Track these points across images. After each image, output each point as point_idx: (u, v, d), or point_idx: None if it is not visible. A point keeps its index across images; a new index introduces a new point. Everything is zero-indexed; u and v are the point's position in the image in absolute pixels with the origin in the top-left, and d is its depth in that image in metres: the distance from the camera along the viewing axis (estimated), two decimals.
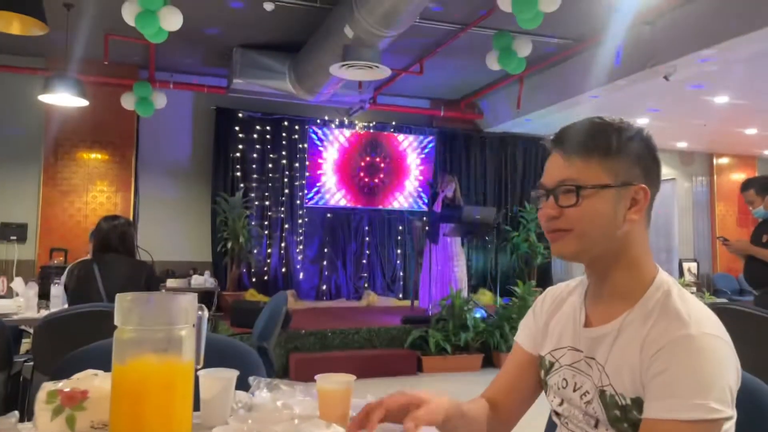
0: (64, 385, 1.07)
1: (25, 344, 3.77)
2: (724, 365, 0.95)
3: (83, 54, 6.26)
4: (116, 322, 1.00)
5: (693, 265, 10.00)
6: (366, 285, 8.42)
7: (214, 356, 1.32)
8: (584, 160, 1.04)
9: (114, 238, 3.15)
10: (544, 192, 1.07)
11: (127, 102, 6.61)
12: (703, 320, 0.98)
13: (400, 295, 8.41)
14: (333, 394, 1.09)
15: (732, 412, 0.93)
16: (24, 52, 6.85)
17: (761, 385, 1.18)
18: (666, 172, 10.20)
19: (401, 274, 8.59)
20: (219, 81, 7.48)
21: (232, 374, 1.13)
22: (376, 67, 4.88)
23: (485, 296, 8.26)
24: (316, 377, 1.12)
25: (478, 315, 6.06)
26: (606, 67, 5.99)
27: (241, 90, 6.94)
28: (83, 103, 5.65)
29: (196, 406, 1.12)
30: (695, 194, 10.54)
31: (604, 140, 1.04)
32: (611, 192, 1.03)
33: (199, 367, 1.10)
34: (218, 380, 1.10)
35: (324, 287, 8.24)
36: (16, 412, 1.09)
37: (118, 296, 1.00)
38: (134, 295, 1.00)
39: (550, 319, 1.20)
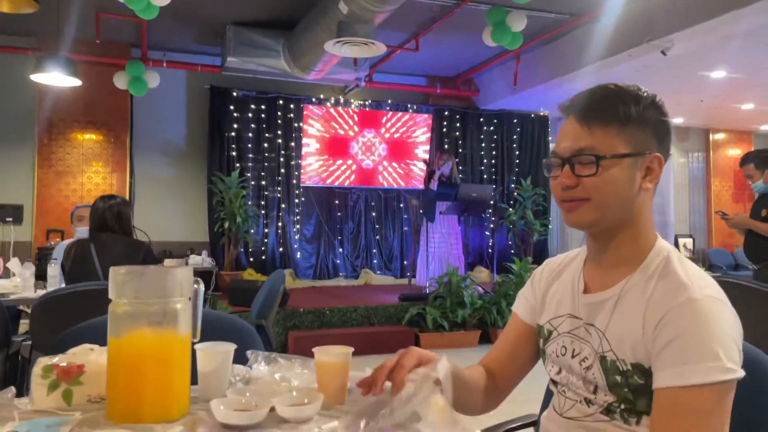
0: (60, 360, 1.07)
1: (23, 325, 3.78)
2: (730, 325, 0.95)
3: (75, 33, 6.17)
4: (111, 295, 1.00)
5: (689, 241, 10.04)
6: (363, 264, 8.43)
7: (212, 332, 1.32)
8: (603, 128, 1.02)
9: (110, 217, 3.14)
10: (559, 161, 1.06)
11: (120, 81, 6.54)
12: (703, 283, 0.99)
13: (398, 274, 8.43)
14: (330, 366, 1.09)
15: (742, 371, 0.94)
16: (15, 32, 6.76)
17: (760, 353, 1.19)
18: None
19: (398, 252, 8.60)
20: (213, 60, 7.40)
21: (230, 348, 1.12)
22: (372, 43, 4.83)
23: (482, 273, 8.29)
24: (313, 350, 1.12)
25: (475, 292, 6.09)
26: (602, 42, 5.94)
27: (235, 68, 6.87)
28: (76, 82, 5.58)
29: (195, 380, 1.12)
30: (691, 170, 10.54)
31: (623, 109, 1.03)
32: (629, 161, 1.02)
33: (196, 340, 1.10)
34: (216, 354, 1.10)
35: (321, 266, 8.25)
36: (13, 388, 1.09)
37: (112, 270, 0.99)
38: (128, 269, 1.00)
39: (549, 289, 1.20)
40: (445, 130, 8.74)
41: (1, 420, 0.96)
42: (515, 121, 9.03)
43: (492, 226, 8.77)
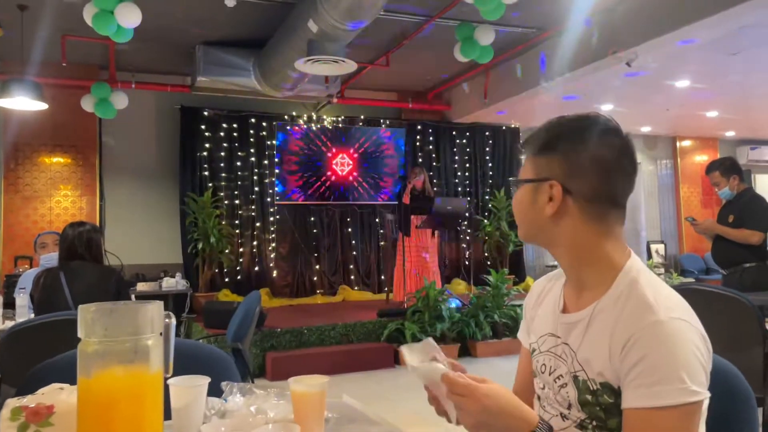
0: (29, 401, 1.04)
1: None
2: (696, 347, 0.97)
3: (40, 56, 6.09)
4: (80, 334, 0.97)
5: (660, 247, 10.21)
6: (341, 280, 8.40)
7: (185, 362, 1.30)
8: (527, 156, 1.15)
9: (80, 244, 3.08)
10: None
11: (87, 104, 6.45)
12: (670, 305, 1.00)
13: (376, 289, 8.41)
14: (307, 396, 1.08)
15: (708, 392, 0.96)
16: None
17: (730, 366, 1.22)
18: None
19: (376, 267, 8.59)
20: (183, 79, 7.35)
21: (203, 381, 1.11)
22: (342, 61, 4.84)
23: (460, 286, 8.32)
24: (289, 380, 1.11)
25: (453, 305, 6.10)
26: (568, 55, 6.05)
27: (205, 88, 6.83)
28: (42, 106, 5.50)
29: (168, 416, 1.10)
30: (660, 177, 10.75)
31: (535, 139, 1.14)
32: (530, 186, 1.12)
33: (168, 375, 1.08)
34: (189, 389, 1.08)
35: (299, 284, 8.19)
36: None
37: (81, 308, 0.97)
38: (98, 306, 0.97)
39: (537, 311, 1.25)
40: (418, 144, 8.79)
41: None
42: (487, 133, 9.12)
43: (468, 238, 8.82)
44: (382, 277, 8.44)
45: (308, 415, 1.07)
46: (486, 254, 8.88)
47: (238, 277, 7.78)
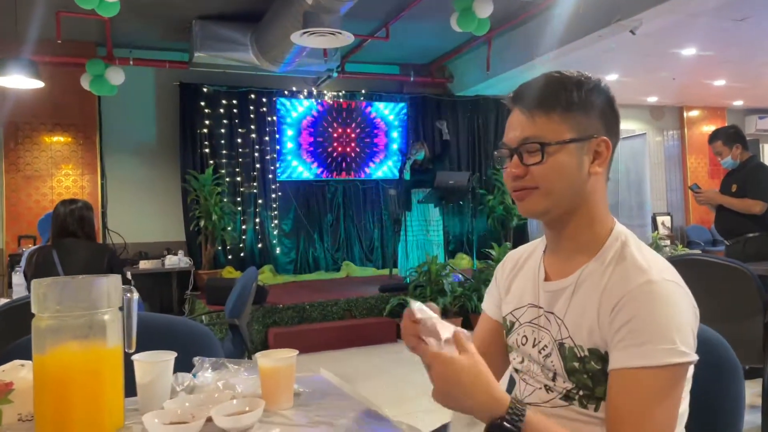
0: None
1: None
2: (686, 309, 0.96)
3: (35, 34, 6.01)
4: (33, 309, 0.95)
5: (666, 219, 10.12)
6: (344, 256, 8.39)
7: (164, 338, 1.27)
8: (546, 115, 1.02)
9: (71, 222, 3.06)
10: (507, 151, 1.07)
11: (86, 82, 6.40)
12: (661, 267, 0.99)
13: (379, 265, 8.40)
14: (275, 371, 1.06)
15: (696, 356, 0.94)
16: None
17: (718, 337, 1.19)
18: (637, 127, 10.23)
19: (379, 243, 8.56)
20: (181, 56, 7.27)
21: (169, 356, 1.08)
22: (339, 33, 4.75)
23: (463, 260, 8.29)
24: (255, 355, 1.08)
25: (455, 279, 6.08)
26: (572, 24, 5.92)
27: (203, 64, 6.75)
28: (38, 84, 5.45)
29: (134, 392, 1.08)
30: (666, 148, 10.61)
31: (565, 94, 1.03)
32: (574, 146, 1.02)
33: (131, 351, 1.06)
34: (153, 364, 1.06)
35: (302, 261, 8.19)
36: None
37: (34, 282, 0.94)
38: (50, 280, 0.95)
39: (512, 282, 1.21)
40: (420, 118, 8.69)
41: None
42: (491, 106, 9.00)
43: (471, 212, 8.77)
44: (385, 253, 8.42)
45: (276, 389, 1.05)
46: (490, 228, 8.83)
47: (242, 255, 7.78)
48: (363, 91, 8.40)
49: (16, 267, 3.47)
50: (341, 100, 8.33)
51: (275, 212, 8.08)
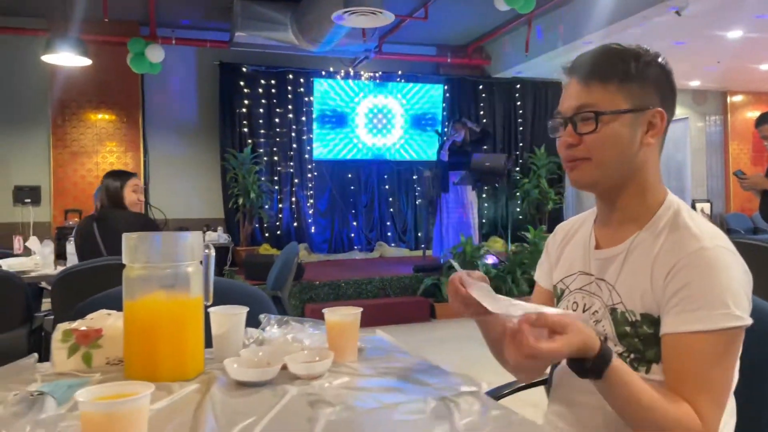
0: (79, 324, 1.10)
1: (45, 304, 3.86)
2: (740, 274, 0.98)
3: (83, 13, 6.16)
4: (124, 260, 1.02)
5: (706, 206, 9.90)
6: (378, 237, 8.47)
7: (225, 299, 1.35)
8: (602, 85, 1.04)
9: (115, 192, 3.17)
10: (561, 120, 1.08)
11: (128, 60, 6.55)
12: (715, 234, 1.01)
13: (413, 246, 8.46)
14: (341, 325, 1.12)
15: (750, 319, 0.96)
16: (25, 13, 6.77)
17: (766, 303, 1.20)
18: (678, 111, 9.92)
19: (413, 225, 8.61)
20: (221, 35, 7.37)
21: (242, 310, 1.15)
22: (379, 12, 4.77)
23: (497, 243, 8.28)
24: (324, 310, 1.14)
25: (489, 261, 6.10)
26: (615, 4, 5.82)
27: (243, 43, 6.84)
28: (86, 62, 5.60)
29: (209, 343, 1.15)
30: (708, 134, 10.37)
31: (622, 65, 1.04)
32: (629, 117, 1.04)
33: (209, 303, 1.13)
34: (228, 316, 1.13)
35: (336, 240, 8.30)
36: (35, 354, 1.13)
37: (125, 236, 1.02)
38: (140, 235, 1.02)
39: (563, 251, 1.23)
40: (457, 99, 8.66)
41: (25, 382, 1.00)
42: (528, 88, 8.91)
43: (506, 195, 8.73)
44: (419, 234, 8.46)
45: (342, 342, 1.11)
46: (524, 212, 8.79)
47: (278, 232, 7.92)
48: (399, 72, 8.40)
49: (69, 237, 3.61)
50: (378, 80, 8.34)
51: (311, 192, 8.18)
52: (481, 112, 8.77)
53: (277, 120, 7.96)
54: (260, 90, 7.86)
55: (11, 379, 1.01)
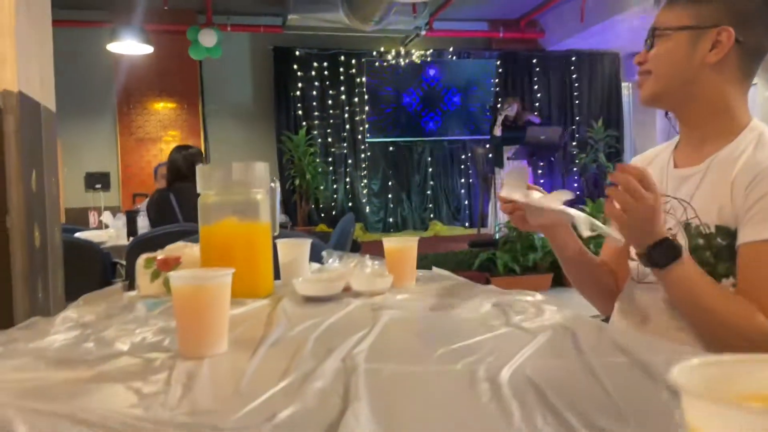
0: (159, 253, 1.20)
1: (118, 281, 4.09)
2: None
3: (144, 2, 6.42)
4: (199, 189, 1.11)
5: None
6: (432, 215, 8.50)
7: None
8: (670, 6, 1.09)
9: (185, 166, 3.31)
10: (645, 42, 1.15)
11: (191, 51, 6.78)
12: None
13: (467, 224, 8.45)
14: (400, 251, 1.18)
15: None
16: (89, 6, 7.09)
17: None
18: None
19: (466, 203, 8.60)
20: (274, 20, 7.52)
21: (307, 241, 1.22)
22: None
23: None
24: (383, 239, 1.20)
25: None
26: None
27: (296, 26, 6.97)
28: (148, 50, 5.84)
29: (277, 274, 1.23)
30: None
31: None
32: (687, 34, 1.06)
33: (275, 234, 1.21)
34: (294, 245, 1.21)
35: (390, 219, 8.38)
36: (120, 283, 1.24)
37: (198, 167, 1.10)
38: (212, 164, 1.10)
39: None
40: (510, 74, 8.55)
41: (115, 301, 1.10)
42: (585, 61, 8.70)
43: (562, 170, 8.60)
44: (473, 212, 8.44)
45: (401, 267, 1.17)
46: (581, 187, 8.62)
47: (333, 213, 8.06)
48: (451, 49, 8.36)
49: (140, 212, 3.81)
50: (428, 58, 8.33)
51: (364, 172, 8.28)
52: (536, 87, 8.63)
53: (330, 102, 8.08)
54: (313, 73, 7.98)
55: (102, 301, 1.12)
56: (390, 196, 8.40)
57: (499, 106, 7.09)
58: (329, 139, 8.12)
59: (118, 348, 0.74)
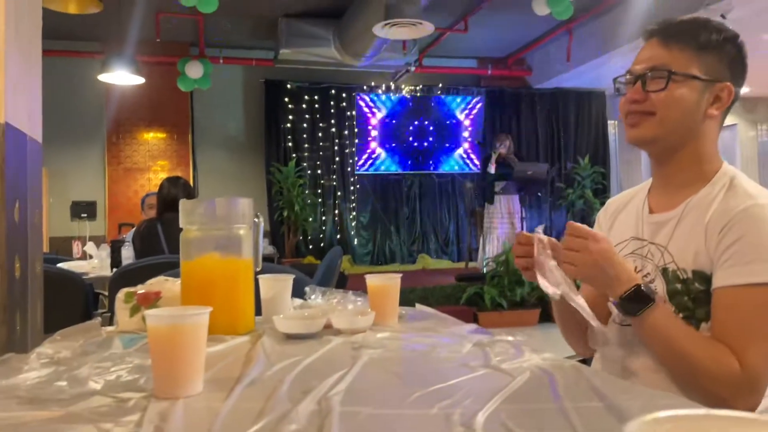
0: (139, 287, 1.19)
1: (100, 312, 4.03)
2: None
3: (137, 34, 6.48)
4: (181, 224, 1.11)
5: None
6: (420, 249, 8.50)
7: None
8: (681, 48, 1.08)
9: (175, 197, 3.31)
10: (632, 78, 1.12)
11: (181, 82, 6.82)
12: None
13: (455, 258, 8.45)
14: (382, 288, 1.17)
15: None
16: (81, 37, 7.15)
17: None
18: (727, 119, 9.73)
19: (454, 237, 8.62)
20: (266, 54, 7.62)
21: (289, 276, 1.22)
22: (419, 23, 4.87)
23: None
24: (366, 276, 1.20)
25: None
26: (658, 10, 5.77)
27: (288, 60, 7.06)
28: (140, 80, 5.87)
29: (258, 310, 1.22)
30: (761, 143, 10.05)
31: (704, 34, 1.08)
32: (699, 84, 1.07)
33: (258, 269, 1.20)
34: (276, 281, 1.20)
35: (378, 252, 8.37)
36: (99, 318, 1.22)
37: (182, 202, 1.10)
38: (195, 200, 1.10)
39: (615, 221, 1.26)
40: (498, 111, 8.67)
41: (92, 337, 1.09)
42: (571, 99, 8.86)
43: (549, 205, 8.66)
44: (461, 246, 8.45)
45: (383, 305, 1.16)
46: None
47: (321, 245, 8.05)
48: (440, 85, 8.48)
49: (125, 242, 3.78)
50: (419, 94, 8.45)
51: (353, 204, 8.30)
52: (522, 124, 8.75)
53: (320, 134, 8.14)
54: (304, 105, 8.06)
55: (79, 336, 1.10)
56: (379, 228, 8.41)
57: (494, 141, 7.14)
58: (318, 171, 8.15)
59: (91, 387, 0.73)
